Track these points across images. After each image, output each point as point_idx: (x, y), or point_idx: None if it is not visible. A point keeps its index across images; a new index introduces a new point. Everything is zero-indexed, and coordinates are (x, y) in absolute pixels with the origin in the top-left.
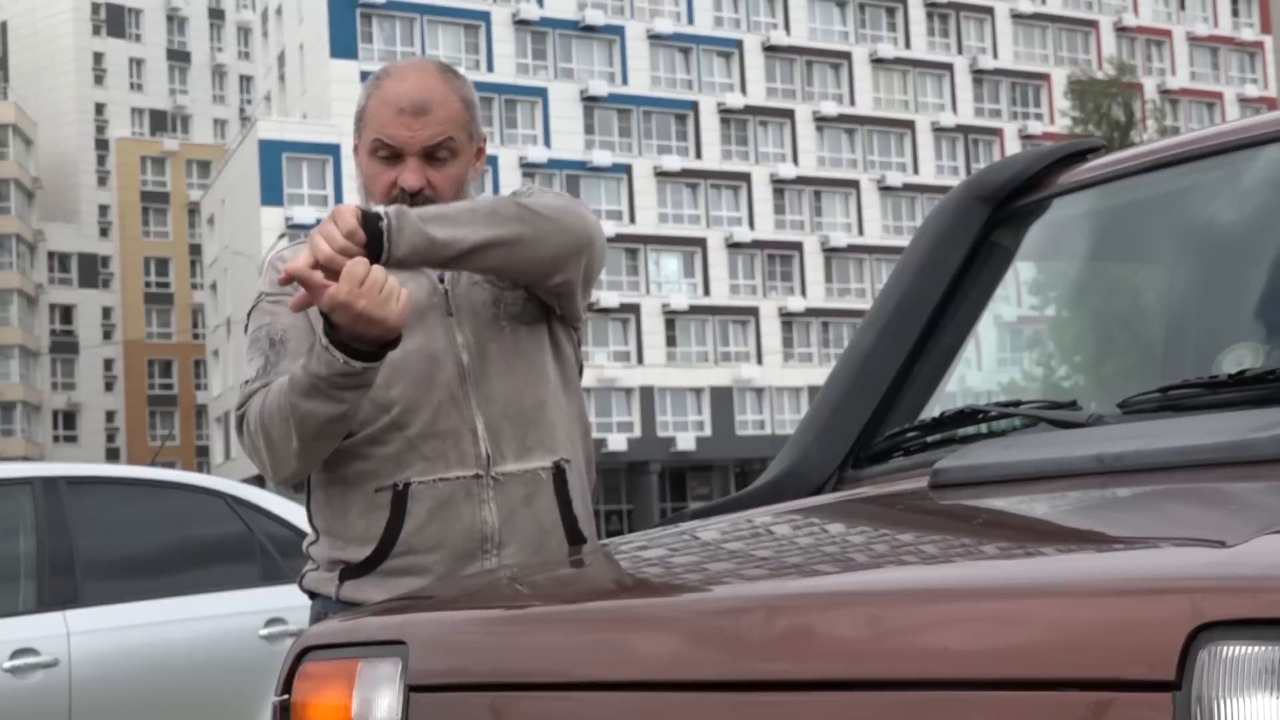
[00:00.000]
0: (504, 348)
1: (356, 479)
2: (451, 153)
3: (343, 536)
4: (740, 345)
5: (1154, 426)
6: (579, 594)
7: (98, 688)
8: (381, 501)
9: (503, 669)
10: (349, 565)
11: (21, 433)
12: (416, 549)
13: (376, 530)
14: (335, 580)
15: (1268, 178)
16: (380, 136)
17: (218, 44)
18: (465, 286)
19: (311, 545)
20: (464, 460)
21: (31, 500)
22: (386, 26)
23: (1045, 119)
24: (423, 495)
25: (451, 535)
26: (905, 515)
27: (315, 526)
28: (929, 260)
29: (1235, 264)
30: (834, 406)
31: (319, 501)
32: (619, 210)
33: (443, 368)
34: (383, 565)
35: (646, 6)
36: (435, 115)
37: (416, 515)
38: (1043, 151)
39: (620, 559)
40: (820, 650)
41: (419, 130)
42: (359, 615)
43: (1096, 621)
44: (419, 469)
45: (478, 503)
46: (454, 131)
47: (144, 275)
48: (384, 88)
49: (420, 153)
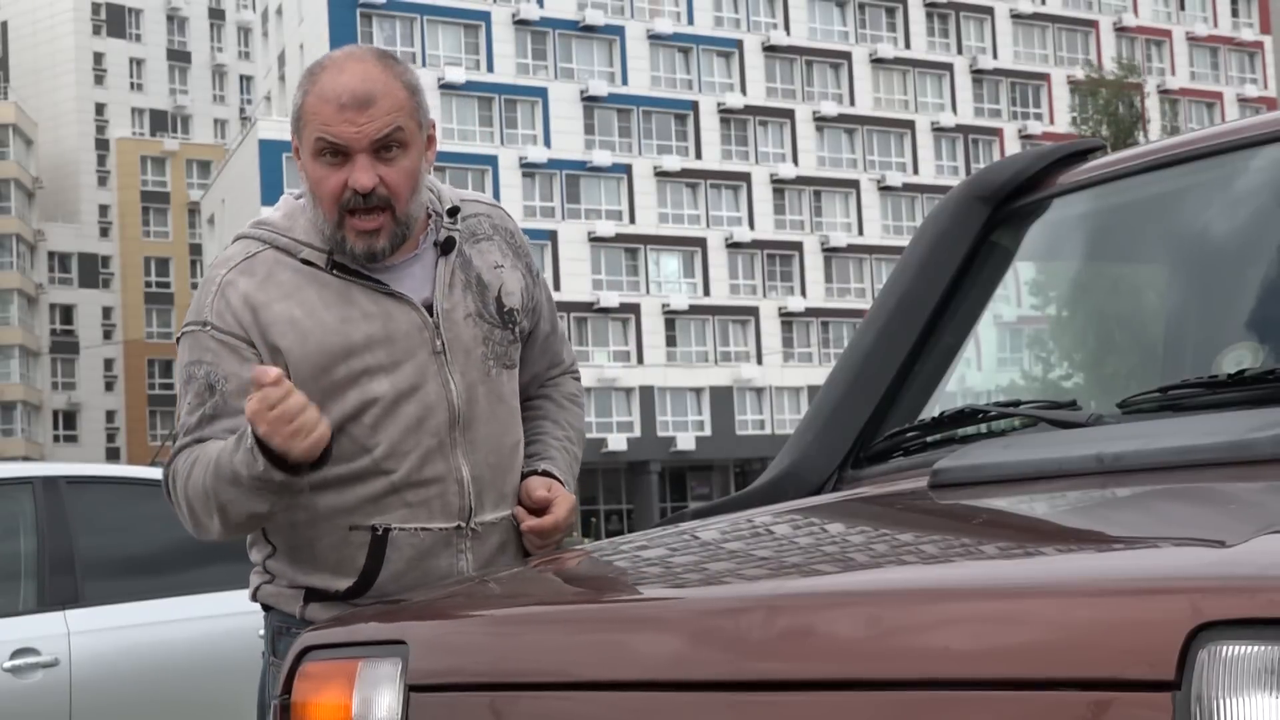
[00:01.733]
0: (490, 391)
1: (329, 512)
2: (401, 145)
3: (308, 563)
4: (740, 345)
5: (1154, 426)
6: (579, 594)
7: (98, 687)
8: (358, 540)
9: (503, 669)
10: (315, 590)
11: (22, 433)
12: (391, 594)
13: (351, 569)
14: (299, 600)
15: (1268, 178)
16: (323, 135)
17: (218, 44)
18: (457, 322)
19: (269, 559)
20: (447, 511)
21: (32, 500)
22: (386, 26)
23: (1045, 119)
24: (403, 544)
25: (426, 584)
26: (905, 515)
27: (270, 541)
28: (929, 260)
29: (1235, 264)
30: (834, 406)
31: (278, 520)
32: (619, 210)
33: (434, 413)
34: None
35: (646, 6)
36: (380, 106)
37: (395, 563)
38: (1043, 151)
39: (620, 559)
40: (820, 650)
41: (365, 124)
42: (359, 615)
43: (1096, 621)
44: (400, 515)
45: (455, 553)
46: (402, 121)
47: (144, 275)
48: (321, 81)
49: (369, 148)
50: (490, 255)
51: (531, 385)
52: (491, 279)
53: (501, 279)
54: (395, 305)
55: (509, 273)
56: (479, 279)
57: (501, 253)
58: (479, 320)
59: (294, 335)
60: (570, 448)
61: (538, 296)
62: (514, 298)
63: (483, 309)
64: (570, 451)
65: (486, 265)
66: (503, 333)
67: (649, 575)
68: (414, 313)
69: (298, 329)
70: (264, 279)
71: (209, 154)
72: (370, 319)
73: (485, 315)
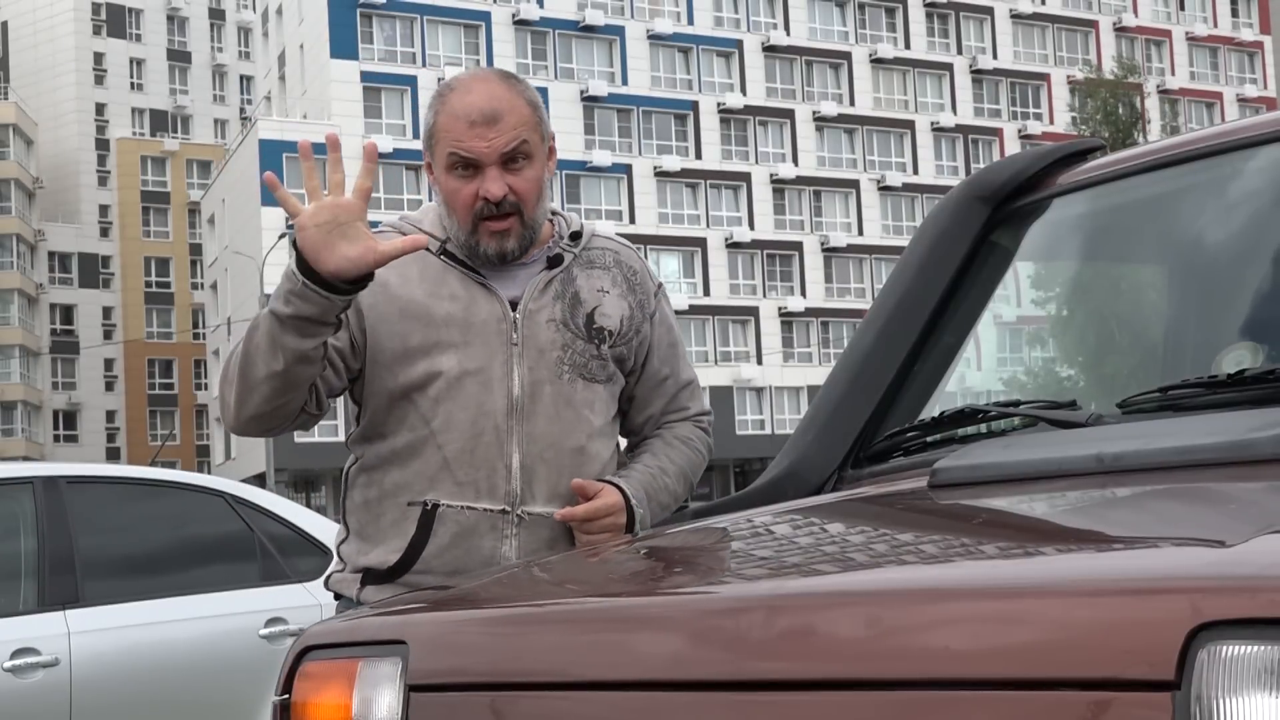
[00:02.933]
0: (558, 393)
1: (393, 488)
2: (527, 156)
3: (372, 540)
4: (740, 345)
5: (1154, 426)
6: (579, 594)
7: (98, 687)
8: (411, 515)
9: (503, 669)
10: (371, 570)
11: (22, 432)
12: (436, 570)
13: (402, 543)
14: (357, 584)
15: (1268, 178)
16: (456, 150)
17: (218, 44)
18: (539, 324)
19: (342, 543)
20: (494, 493)
21: (32, 500)
22: (386, 26)
23: (1045, 119)
24: (448, 520)
25: (470, 564)
26: (905, 515)
27: (348, 524)
28: (929, 260)
29: (1235, 264)
30: (834, 406)
31: (355, 501)
32: (619, 210)
33: (493, 396)
34: (404, 577)
35: (646, 6)
36: (507, 121)
37: (440, 537)
38: (1043, 151)
39: (620, 559)
40: (820, 650)
41: (494, 139)
42: (359, 615)
43: (1096, 621)
44: (449, 492)
45: (500, 537)
46: (527, 134)
47: (144, 275)
48: (450, 102)
49: (498, 161)
50: (598, 280)
51: (648, 425)
52: (589, 297)
53: (601, 300)
54: (483, 294)
55: (612, 298)
56: (576, 294)
57: (613, 281)
58: (562, 327)
59: (382, 296)
60: (660, 478)
61: (648, 334)
62: (609, 320)
63: (569, 319)
64: (657, 479)
65: (590, 286)
66: (586, 345)
67: (649, 575)
68: (498, 304)
69: (387, 292)
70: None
71: (209, 154)
72: (455, 300)
73: (570, 325)
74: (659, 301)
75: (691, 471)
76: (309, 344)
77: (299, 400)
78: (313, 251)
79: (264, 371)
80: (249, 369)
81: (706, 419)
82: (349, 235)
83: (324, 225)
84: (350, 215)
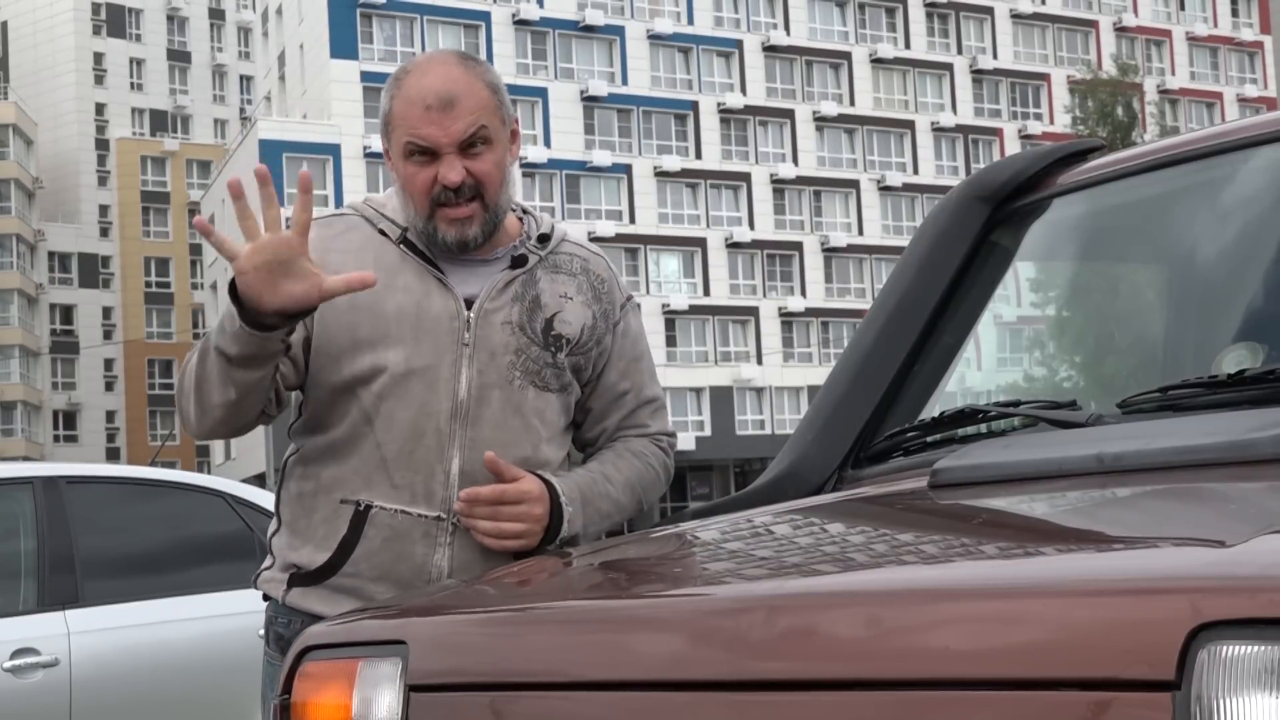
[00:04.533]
0: (506, 399)
1: (329, 483)
2: (486, 141)
3: (302, 535)
4: (740, 345)
5: (1154, 426)
6: (579, 594)
7: (98, 687)
8: (343, 513)
9: (503, 669)
10: (299, 571)
11: (22, 432)
12: (363, 574)
13: (332, 542)
14: (284, 585)
15: (1268, 178)
16: (412, 138)
17: (218, 44)
18: (494, 325)
19: (273, 535)
20: (430, 499)
21: (32, 500)
22: (386, 26)
23: (1045, 119)
24: (380, 523)
25: (399, 571)
26: (905, 515)
27: (280, 516)
28: (929, 260)
29: (1235, 264)
30: (834, 406)
31: (290, 492)
32: (619, 210)
33: (437, 397)
34: (330, 580)
35: (646, 6)
36: (464, 106)
37: (371, 540)
38: (1043, 151)
39: (620, 559)
40: (820, 650)
41: (450, 125)
42: (359, 615)
43: (1096, 621)
44: (384, 494)
45: (433, 545)
46: (485, 119)
47: (144, 275)
48: (406, 86)
49: (456, 148)
50: (562, 285)
51: (601, 439)
52: (551, 302)
53: (562, 306)
54: (438, 289)
55: (575, 305)
56: (537, 298)
57: (578, 288)
58: (518, 331)
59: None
60: (601, 484)
61: (609, 345)
62: (569, 327)
63: (526, 323)
64: (597, 485)
65: (552, 291)
66: (541, 352)
67: (649, 575)
68: (451, 301)
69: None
70: (339, 233)
71: (209, 154)
72: (408, 293)
73: (527, 330)
74: (626, 314)
75: (642, 486)
76: (257, 374)
77: (258, 408)
78: (255, 294)
79: (219, 398)
80: (203, 394)
81: (667, 440)
82: (291, 272)
83: (262, 266)
84: (290, 252)
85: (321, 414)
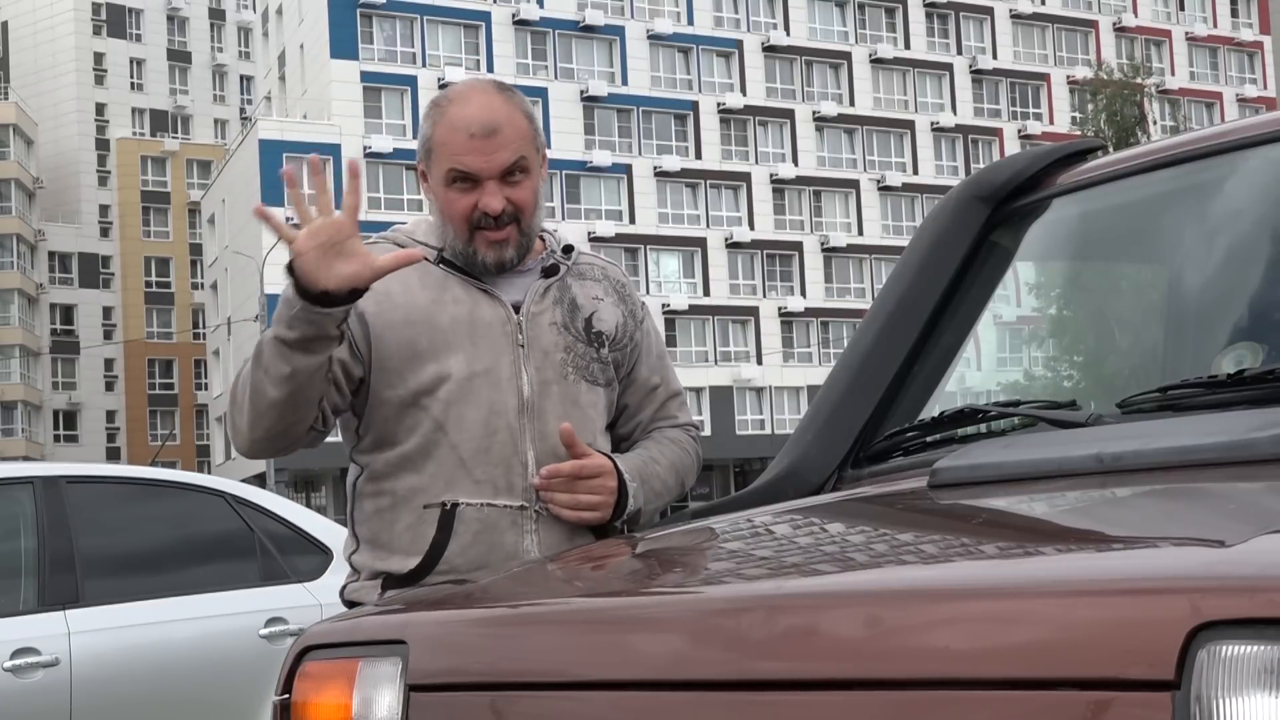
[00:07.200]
0: (564, 393)
1: (408, 493)
2: (524, 170)
3: (388, 548)
4: (740, 345)
5: (1153, 426)
6: (579, 594)
7: (98, 687)
8: (429, 518)
9: (503, 669)
10: (392, 576)
11: (22, 432)
12: (460, 569)
13: (422, 545)
14: (378, 590)
15: (1268, 178)
16: (456, 166)
17: (218, 44)
18: (543, 327)
19: (353, 554)
20: (512, 490)
21: (32, 499)
22: (386, 26)
23: (1045, 119)
24: (469, 518)
25: (495, 560)
26: (905, 515)
27: (358, 535)
28: (929, 260)
29: (1235, 264)
30: (834, 406)
31: (365, 511)
32: (619, 210)
33: (504, 395)
34: (427, 579)
35: (646, 6)
36: (506, 135)
37: (462, 536)
38: (1043, 151)
39: (621, 559)
40: (820, 650)
41: (494, 154)
42: (359, 615)
43: (1096, 621)
44: (467, 490)
45: (521, 533)
46: (525, 150)
47: (144, 275)
48: (449, 114)
49: (498, 176)
50: (591, 289)
51: (637, 432)
52: (585, 303)
53: (596, 307)
54: (485, 299)
55: (606, 306)
56: (573, 300)
57: (605, 291)
58: (563, 330)
59: (384, 304)
60: (651, 465)
61: (639, 341)
62: (605, 324)
63: (569, 322)
64: (649, 466)
65: (585, 294)
66: (586, 349)
67: (649, 575)
68: (501, 308)
69: (390, 300)
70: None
71: (209, 154)
72: (459, 304)
73: (571, 329)
74: (646, 313)
75: (682, 469)
76: (316, 360)
77: (309, 419)
78: (311, 274)
79: (274, 395)
80: (258, 394)
81: (695, 430)
82: (344, 253)
83: (321, 246)
84: (343, 233)
85: (389, 430)
